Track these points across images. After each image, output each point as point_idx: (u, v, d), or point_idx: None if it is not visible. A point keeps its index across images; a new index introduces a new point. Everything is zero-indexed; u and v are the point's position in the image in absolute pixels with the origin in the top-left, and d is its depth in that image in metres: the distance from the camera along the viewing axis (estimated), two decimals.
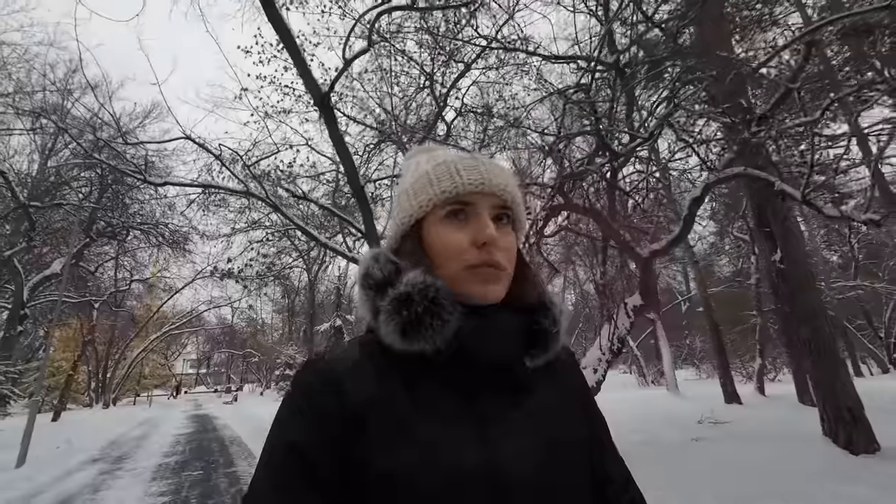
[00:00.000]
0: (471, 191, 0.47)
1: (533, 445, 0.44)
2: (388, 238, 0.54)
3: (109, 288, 16.72)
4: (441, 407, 0.43)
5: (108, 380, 23.15)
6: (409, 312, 0.42)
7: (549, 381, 0.50)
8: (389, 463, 0.39)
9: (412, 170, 0.54)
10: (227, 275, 8.80)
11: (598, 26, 6.98)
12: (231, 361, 40.93)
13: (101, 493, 4.51)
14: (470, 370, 0.44)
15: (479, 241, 0.45)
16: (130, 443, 8.51)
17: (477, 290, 0.46)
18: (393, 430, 0.40)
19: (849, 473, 4.28)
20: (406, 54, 8.29)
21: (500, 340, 0.46)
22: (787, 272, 5.76)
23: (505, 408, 0.45)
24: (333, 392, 0.42)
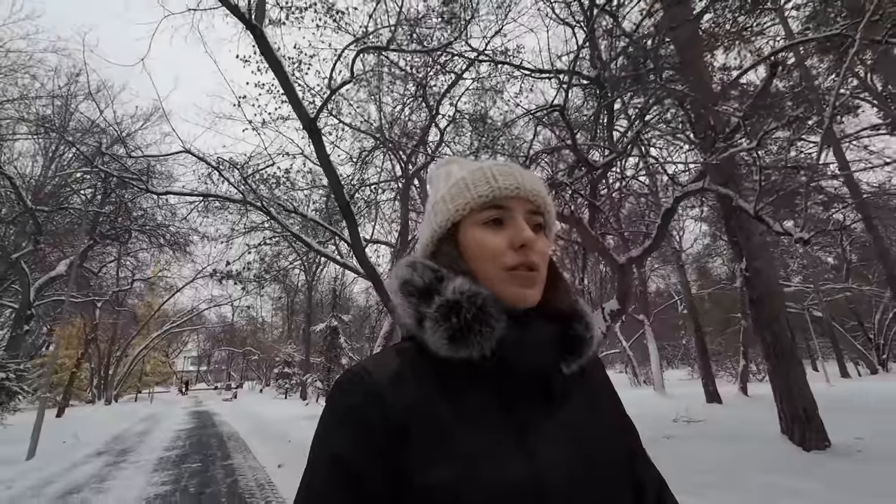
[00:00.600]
0: (507, 195, 0.49)
1: (571, 454, 0.44)
2: (421, 244, 0.54)
3: (112, 287, 17.13)
4: (482, 416, 0.43)
5: (110, 377, 23.59)
6: (459, 319, 0.43)
7: (582, 388, 0.51)
8: (432, 476, 0.39)
9: (444, 178, 0.55)
10: (225, 277, 9.16)
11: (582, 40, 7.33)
12: (231, 359, 41.38)
13: (107, 483, 4.91)
14: (510, 378, 0.45)
15: (516, 242, 0.46)
16: (133, 438, 8.91)
17: (514, 292, 0.46)
18: (435, 442, 0.40)
19: (796, 468, 4.64)
20: (398, 66, 8.64)
21: (539, 348, 0.46)
22: (752, 280, 6.11)
23: (542, 417, 0.45)
24: (376, 402, 0.41)
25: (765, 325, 5.85)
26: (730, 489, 4.02)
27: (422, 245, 0.54)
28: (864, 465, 4.50)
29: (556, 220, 4.61)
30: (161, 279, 21.55)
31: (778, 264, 20.83)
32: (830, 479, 4.11)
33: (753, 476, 4.36)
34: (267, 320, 37.12)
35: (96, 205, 10.56)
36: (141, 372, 29.11)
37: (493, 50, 8.27)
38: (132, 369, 26.61)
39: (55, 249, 12.23)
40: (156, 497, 4.23)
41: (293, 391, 21.44)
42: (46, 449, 6.87)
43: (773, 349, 5.76)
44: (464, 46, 7.88)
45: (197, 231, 11.50)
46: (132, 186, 6.77)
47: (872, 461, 4.57)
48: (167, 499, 4.16)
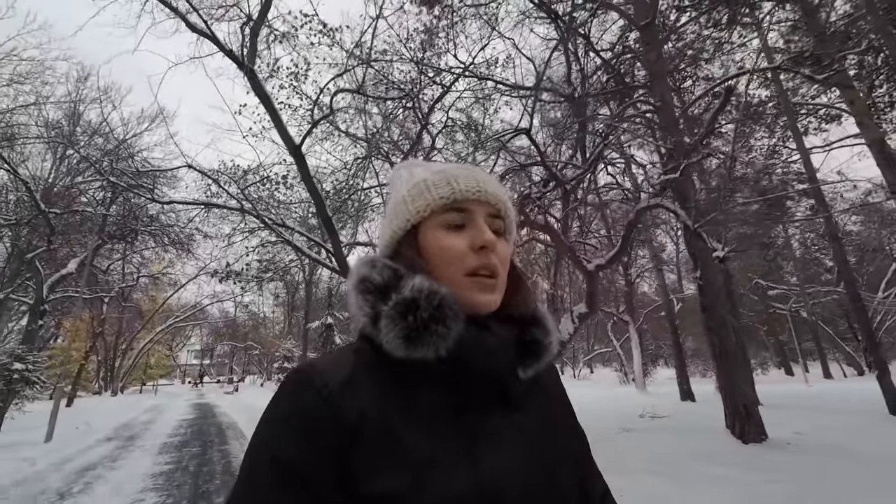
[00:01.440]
0: (468, 197, 0.48)
1: (525, 460, 0.43)
2: (381, 245, 0.53)
3: (118, 283, 17.84)
4: (435, 422, 0.42)
5: (116, 369, 24.41)
6: (416, 318, 0.41)
7: (537, 394, 0.50)
8: (379, 485, 0.37)
9: (405, 178, 0.53)
10: (226, 277, 9.79)
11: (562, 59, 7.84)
12: (234, 354, 42.23)
13: (118, 462, 5.57)
14: (466, 381, 0.44)
15: (476, 244, 0.46)
16: (139, 426, 9.60)
17: (475, 298, 0.45)
18: (386, 448, 0.39)
19: (728, 458, 5.21)
20: (388, 78, 9.17)
21: (497, 351, 0.45)
22: (705, 288, 6.66)
23: (497, 421, 0.44)
24: (325, 401, 0.39)
25: (713, 329, 6.41)
26: (661, 475, 4.60)
27: (381, 246, 0.53)
28: (789, 455, 5.08)
29: (531, 228, 5.42)
30: (165, 275, 22.29)
31: (774, 267, 21.34)
32: (753, 466, 4.70)
33: (687, 464, 4.94)
34: (268, 315, 37.86)
35: (104, 207, 11.21)
36: (146, 365, 29.96)
37: (479, 63, 8.81)
38: (137, 362, 27.45)
39: (65, 248, 12.90)
40: (160, 474, 4.88)
41: None
42: (62, 434, 7.55)
43: (720, 351, 6.32)
44: (451, 60, 8.43)
45: (199, 230, 12.14)
46: (140, 196, 7.38)
47: (797, 452, 5.15)
48: (170, 475, 4.79)
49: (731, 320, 6.51)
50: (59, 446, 6.67)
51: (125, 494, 4.05)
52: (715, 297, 6.51)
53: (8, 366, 6.93)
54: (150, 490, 4.20)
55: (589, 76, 8.12)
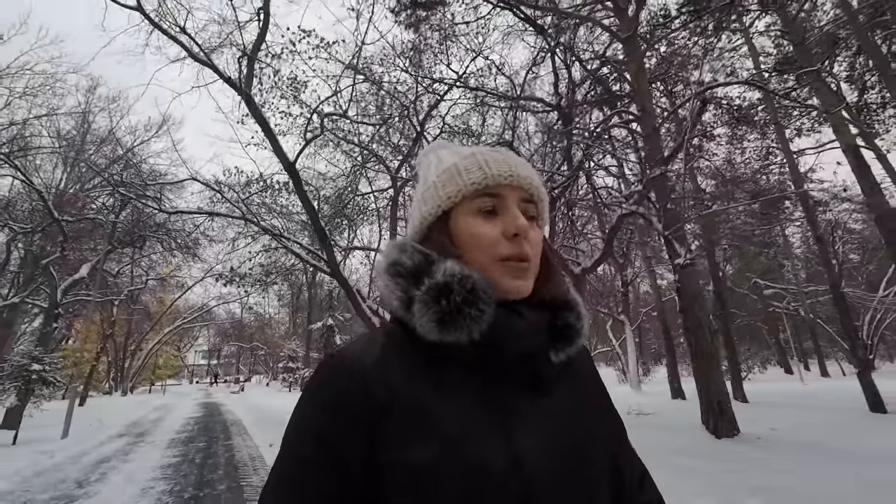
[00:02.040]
0: (500, 182, 0.48)
1: (553, 443, 0.43)
2: (410, 231, 0.53)
3: (127, 286, 18.41)
4: (467, 401, 0.42)
5: (125, 369, 25.06)
6: (449, 302, 0.42)
7: (569, 378, 0.50)
8: (413, 455, 0.38)
9: (434, 163, 0.53)
10: (230, 281, 10.23)
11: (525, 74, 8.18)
12: (240, 354, 42.91)
13: (130, 456, 6.01)
14: (498, 364, 0.44)
15: (510, 231, 0.46)
16: (148, 423, 10.08)
17: (507, 284, 0.45)
18: (419, 423, 0.40)
19: (697, 450, 5.53)
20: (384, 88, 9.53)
21: (529, 334, 0.45)
22: (682, 291, 6.96)
23: (528, 404, 0.44)
24: (359, 382, 0.41)
25: (690, 329, 6.72)
26: None
27: (411, 232, 0.52)
28: (755, 448, 5.40)
29: None
30: (173, 278, 22.88)
31: (775, 266, 21.45)
32: (716, 458, 5.02)
33: (656, 456, 5.25)
34: (273, 316, 38.42)
35: (114, 214, 11.71)
36: (154, 365, 30.66)
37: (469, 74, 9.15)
38: (146, 363, 28.14)
39: (77, 253, 13.42)
40: (169, 465, 5.30)
41: (297, 385, 22.68)
42: (76, 431, 8.03)
43: (696, 351, 6.63)
44: (446, 68, 8.77)
45: (205, 235, 12.61)
46: (148, 207, 7.84)
47: (763, 446, 5.47)
48: (177, 467, 5.21)
49: (707, 321, 6.80)
50: (75, 442, 7.13)
51: (137, 483, 4.47)
52: (692, 299, 6.81)
53: (27, 367, 7.41)
54: (160, 479, 4.62)
55: (578, 85, 8.44)
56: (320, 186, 10.81)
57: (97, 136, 15.38)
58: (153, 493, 4.02)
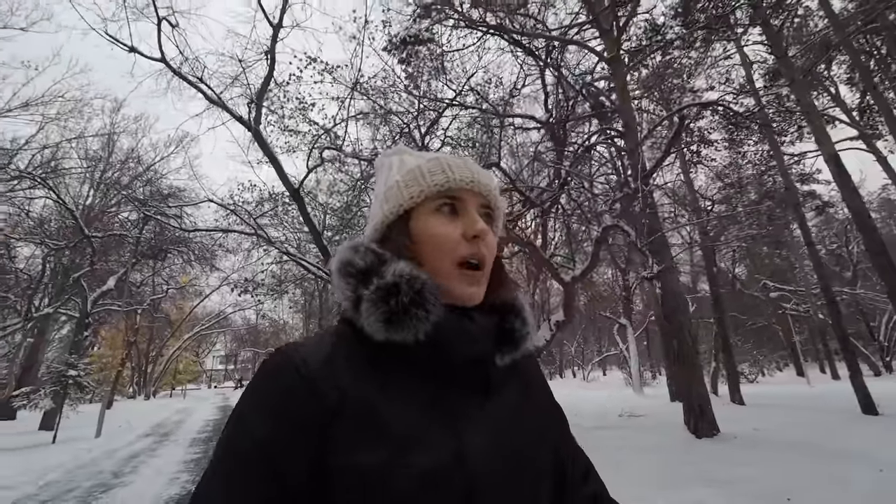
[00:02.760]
0: (462, 187, 0.49)
1: (499, 442, 0.44)
2: (369, 229, 0.53)
3: (149, 295, 19.43)
4: (414, 402, 0.43)
5: (148, 374, 26.23)
6: (397, 302, 0.42)
7: (514, 382, 0.51)
8: (361, 458, 0.38)
9: (397, 165, 0.54)
10: (244, 290, 10.95)
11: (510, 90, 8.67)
12: (256, 359, 44.08)
13: (157, 452, 6.70)
14: (444, 366, 0.45)
15: (469, 233, 0.47)
16: (171, 424, 10.83)
17: (461, 290, 0.47)
18: (367, 425, 0.40)
19: (675, 448, 5.88)
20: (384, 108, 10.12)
21: (475, 337, 0.46)
22: (664, 298, 7.35)
23: (474, 405, 0.45)
24: (307, 383, 0.40)
25: (673, 334, 7.10)
26: (607, 466, 5.36)
27: (370, 230, 0.52)
28: (729, 446, 5.75)
29: (514, 243, 6.56)
30: (191, 286, 23.93)
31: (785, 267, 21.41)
32: (689, 455, 5.38)
33: (633, 455, 5.63)
34: (288, 322, 39.37)
35: (138, 230, 12.59)
36: (175, 370, 31.87)
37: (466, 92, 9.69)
38: (167, 368, 29.32)
39: (104, 265, 14.39)
40: (191, 460, 5.94)
41: None
42: (107, 431, 8.78)
43: (678, 354, 7.00)
44: (444, 88, 9.33)
45: (221, 247, 13.42)
46: (169, 226, 8.59)
47: (737, 444, 5.81)
48: (199, 461, 5.84)
49: (688, 325, 7.15)
50: (107, 441, 7.87)
51: (165, 474, 5.09)
52: (674, 305, 7.19)
53: (64, 372, 8.18)
54: (184, 472, 5.25)
55: (568, 102, 8.89)
56: (327, 202, 11.45)
57: (121, 155, 16.46)
58: (179, 482, 4.64)
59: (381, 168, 0.56)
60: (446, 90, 9.53)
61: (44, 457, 6.38)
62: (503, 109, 8.83)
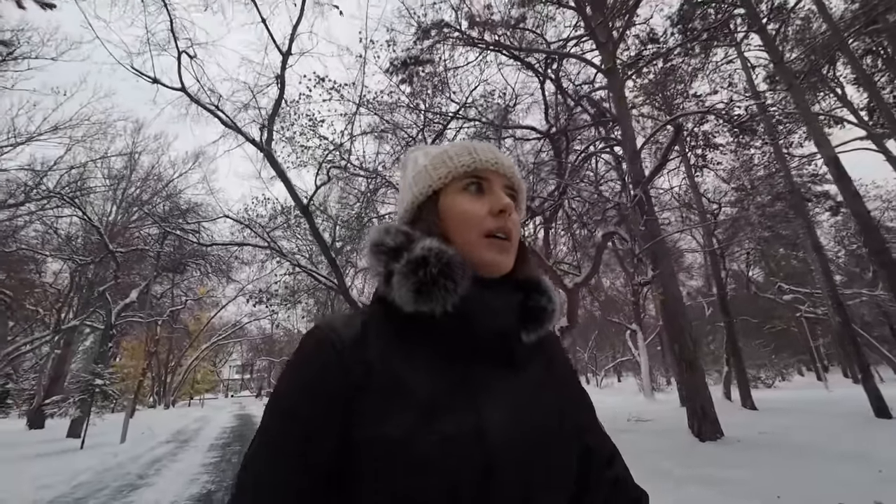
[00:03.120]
0: (486, 167, 0.52)
1: (520, 418, 0.45)
2: (400, 212, 0.56)
3: (168, 306, 20.13)
4: (438, 370, 0.44)
5: (167, 384, 26.96)
6: (426, 273, 0.45)
7: (538, 359, 0.52)
8: (387, 431, 0.40)
9: (422, 154, 0.58)
10: (259, 301, 11.36)
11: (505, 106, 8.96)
12: (271, 368, 44.76)
13: (178, 457, 7.07)
14: (469, 338, 0.46)
15: (496, 208, 0.49)
16: (191, 432, 11.25)
17: (490, 258, 0.48)
18: (393, 396, 0.42)
19: (677, 451, 5.96)
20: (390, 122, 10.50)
21: (501, 311, 0.47)
22: (667, 303, 7.46)
23: (498, 379, 0.46)
24: (338, 358, 0.43)
25: (674, 338, 7.19)
26: None
27: (401, 214, 0.56)
28: (731, 449, 5.82)
29: None
30: (209, 297, 24.64)
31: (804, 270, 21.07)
32: (689, 457, 5.47)
33: (632, 458, 5.76)
34: (302, 331, 39.85)
35: (158, 244, 13.20)
36: (193, 380, 32.63)
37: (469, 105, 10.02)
38: (186, 378, 30.07)
39: (126, 278, 15.06)
40: (210, 463, 6.27)
41: None
42: (131, 437, 9.22)
43: (681, 358, 7.08)
44: (447, 103, 9.67)
45: (237, 258, 13.95)
46: (188, 241, 9.08)
47: (739, 447, 5.87)
48: (217, 464, 6.17)
49: (689, 328, 7.23)
50: (132, 446, 8.29)
51: (186, 475, 5.42)
52: (674, 310, 7.29)
53: (91, 382, 8.65)
54: (203, 473, 5.57)
55: (569, 110, 9.13)
56: (337, 214, 11.86)
57: (142, 173, 17.28)
58: (199, 483, 4.96)
59: (407, 162, 0.60)
60: (450, 103, 9.91)
61: (74, 461, 6.79)
62: (504, 121, 9.13)
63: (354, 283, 15.42)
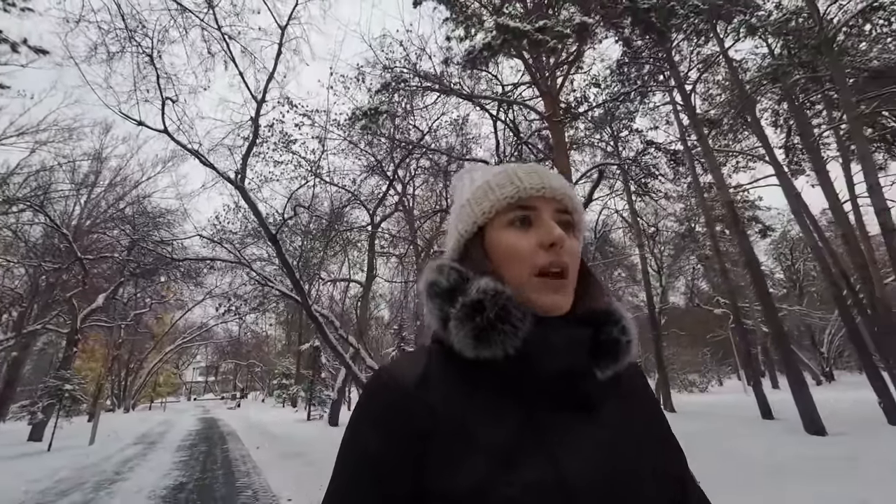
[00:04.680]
0: (532, 195, 0.49)
1: (602, 463, 0.42)
2: (448, 250, 0.54)
3: (132, 310, 20.06)
4: (506, 418, 0.42)
5: (127, 387, 26.54)
6: (482, 318, 0.43)
7: (619, 397, 0.49)
8: (458, 478, 0.39)
9: (468, 184, 0.55)
10: (228, 310, 11.99)
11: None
12: (237, 371, 44.19)
13: (148, 456, 7.73)
14: (536, 381, 0.44)
15: (545, 242, 0.46)
16: (156, 435, 11.74)
17: (544, 299, 0.45)
18: (460, 446, 0.41)
19: None
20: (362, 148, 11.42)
21: (568, 349, 0.45)
22: None
23: (573, 423, 0.44)
24: (402, 405, 0.43)
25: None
26: None
27: (450, 251, 0.54)
28: None
29: None
30: (174, 299, 24.50)
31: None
32: None
33: None
34: (271, 334, 39.71)
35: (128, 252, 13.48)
36: (154, 383, 32.03)
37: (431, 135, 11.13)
38: (147, 380, 29.57)
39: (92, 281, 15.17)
40: (179, 461, 7.02)
41: (290, 401, 24.18)
42: (99, 440, 9.68)
43: None
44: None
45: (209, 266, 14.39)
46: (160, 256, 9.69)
47: None
48: (186, 462, 6.92)
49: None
50: (101, 448, 8.83)
51: (159, 472, 6.18)
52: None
53: (60, 387, 9.09)
54: (174, 469, 6.35)
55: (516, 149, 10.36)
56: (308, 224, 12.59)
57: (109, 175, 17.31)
58: (171, 476, 5.76)
59: (456, 190, 0.58)
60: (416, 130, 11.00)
61: (47, 461, 7.34)
62: (463, 151, 10.27)
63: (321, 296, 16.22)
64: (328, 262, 14.85)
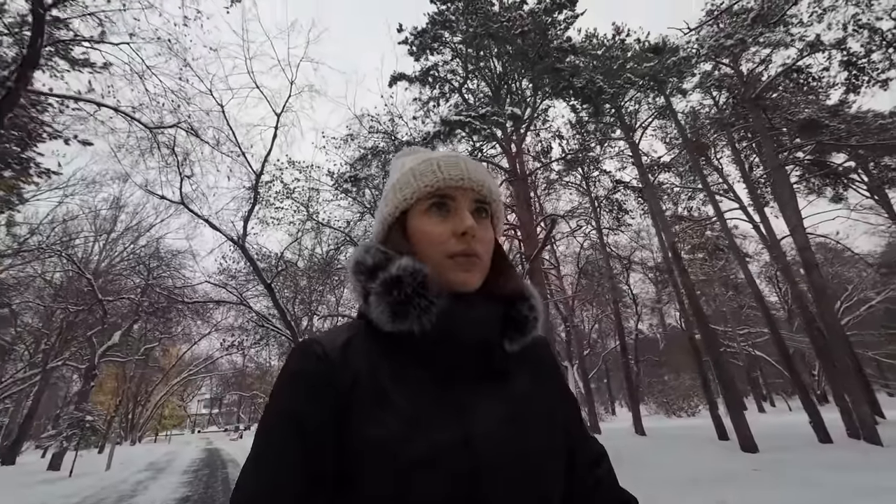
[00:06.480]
0: (451, 185, 0.51)
1: (507, 428, 0.46)
2: (374, 231, 0.58)
3: (143, 345, 21.34)
4: (421, 386, 0.46)
5: (134, 420, 27.42)
6: (399, 293, 0.46)
7: (525, 367, 0.53)
8: (372, 433, 0.43)
9: (398, 168, 0.58)
10: (231, 346, 13.24)
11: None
12: (241, 402, 44.72)
13: (158, 480, 8.86)
14: (451, 352, 0.48)
15: (458, 230, 0.49)
16: (163, 462, 12.81)
17: (455, 277, 0.49)
18: (376, 404, 0.44)
19: None
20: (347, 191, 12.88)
21: (480, 324, 0.48)
22: None
23: (481, 392, 0.48)
24: (325, 367, 0.46)
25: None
26: None
27: (375, 232, 0.57)
28: None
29: None
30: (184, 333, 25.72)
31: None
32: None
33: None
34: (274, 364, 40.37)
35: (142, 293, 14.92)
36: (160, 416, 32.77)
37: None
38: (154, 413, 30.38)
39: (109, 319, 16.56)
40: (186, 482, 8.14)
41: None
42: (114, 466, 10.78)
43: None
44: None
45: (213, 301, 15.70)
46: (172, 299, 11.09)
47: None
48: (191, 483, 8.03)
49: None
50: (117, 473, 9.96)
51: (168, 489, 7.32)
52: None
53: (82, 419, 10.27)
54: (181, 487, 7.48)
55: None
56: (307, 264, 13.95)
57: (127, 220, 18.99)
58: (179, 492, 6.89)
59: (392, 170, 0.61)
60: None
61: (71, 485, 8.46)
62: None
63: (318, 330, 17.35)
64: (326, 298, 16.15)
